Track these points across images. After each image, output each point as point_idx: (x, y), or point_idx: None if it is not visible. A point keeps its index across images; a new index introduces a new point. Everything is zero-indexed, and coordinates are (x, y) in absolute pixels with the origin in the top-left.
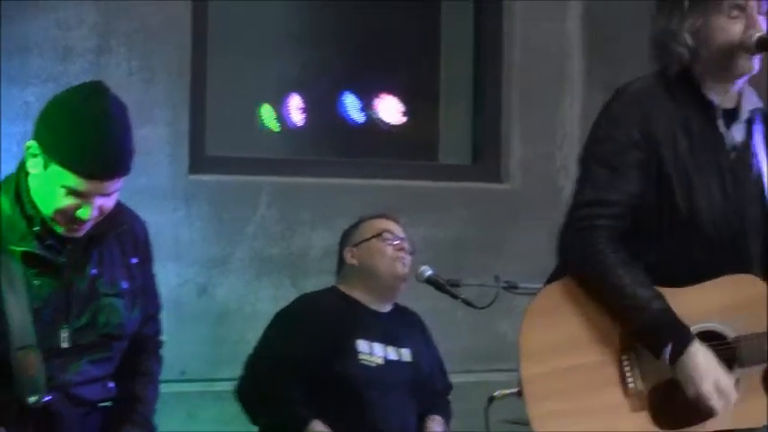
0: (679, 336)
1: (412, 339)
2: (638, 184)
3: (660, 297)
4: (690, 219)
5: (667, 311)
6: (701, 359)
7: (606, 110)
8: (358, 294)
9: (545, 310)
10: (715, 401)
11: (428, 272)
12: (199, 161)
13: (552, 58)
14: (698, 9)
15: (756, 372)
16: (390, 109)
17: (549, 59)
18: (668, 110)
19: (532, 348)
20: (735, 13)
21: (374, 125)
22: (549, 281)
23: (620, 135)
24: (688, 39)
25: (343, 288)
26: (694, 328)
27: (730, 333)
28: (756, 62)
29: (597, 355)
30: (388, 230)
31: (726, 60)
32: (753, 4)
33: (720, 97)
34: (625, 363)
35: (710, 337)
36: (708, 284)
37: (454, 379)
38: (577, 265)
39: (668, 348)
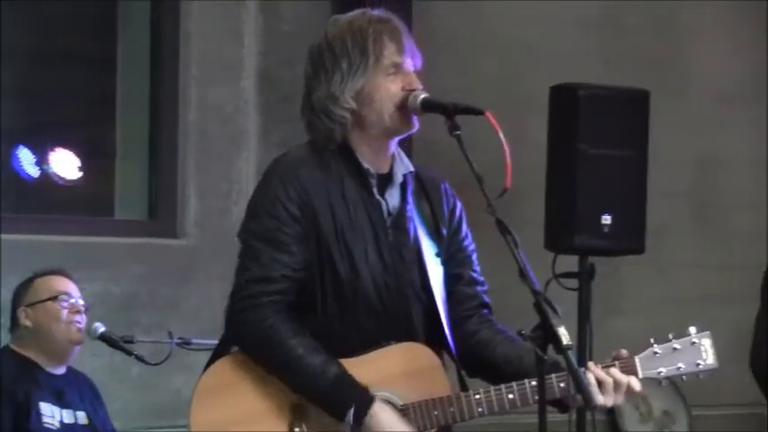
0: (359, 398)
1: (86, 401)
2: (301, 256)
3: (335, 362)
4: (352, 288)
5: (344, 375)
6: (385, 417)
7: (263, 184)
8: (33, 355)
9: (214, 387)
10: None
11: (101, 328)
12: None
13: (228, 117)
14: (359, 70)
15: None
16: (66, 164)
17: (224, 118)
18: (324, 179)
19: (205, 425)
20: (392, 70)
21: (49, 180)
22: (214, 357)
23: (279, 210)
24: (351, 101)
25: (17, 348)
26: None
27: (398, 401)
28: (417, 122)
29: (269, 428)
30: (64, 292)
31: (388, 120)
32: (408, 62)
33: (375, 163)
34: None
35: None
36: (374, 354)
37: None
38: (249, 343)
39: (351, 412)
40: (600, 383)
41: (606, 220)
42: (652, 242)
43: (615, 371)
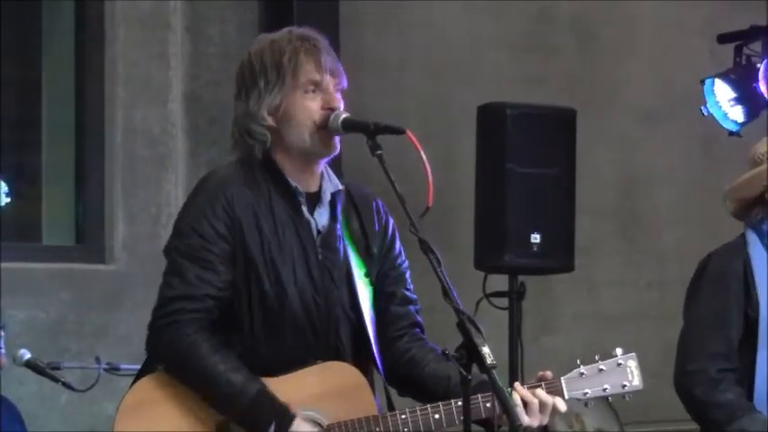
0: (280, 413)
1: (6, 428)
2: (227, 276)
3: (255, 379)
4: (279, 306)
5: (264, 392)
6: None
7: (190, 202)
8: None
9: (138, 404)
10: None
11: (27, 355)
12: None
13: (155, 140)
14: (275, 88)
15: None
16: None
17: (152, 141)
18: (252, 198)
19: None
20: (310, 88)
21: None
22: (140, 374)
23: (206, 228)
24: (268, 119)
25: None
26: None
27: (324, 420)
28: (338, 142)
29: None
30: None
31: (308, 139)
32: (328, 80)
33: (303, 182)
34: None
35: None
36: (301, 372)
37: None
38: (170, 359)
39: (272, 427)
40: (525, 404)
41: (535, 238)
42: (582, 260)
43: (541, 392)
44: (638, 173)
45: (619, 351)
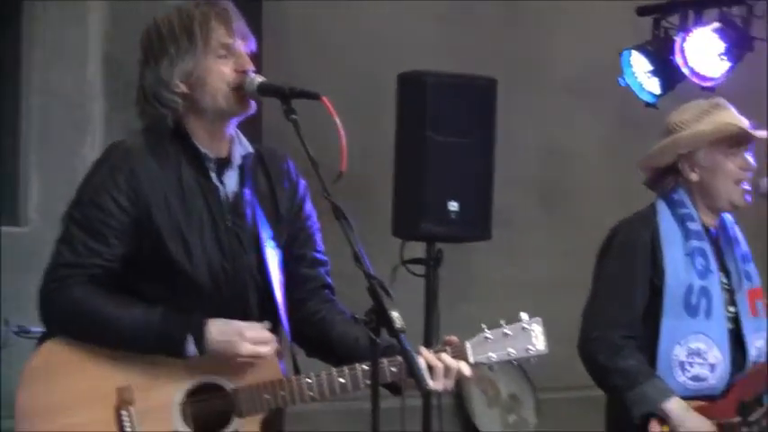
0: (191, 325)
1: None
2: (118, 249)
3: (154, 306)
4: (188, 275)
5: (168, 313)
6: (219, 329)
7: (93, 171)
8: None
9: (43, 369)
10: (258, 350)
11: None
12: None
13: (73, 102)
14: (186, 53)
15: (255, 421)
16: None
17: (69, 103)
18: (160, 168)
19: (31, 409)
20: (222, 52)
21: None
22: (45, 337)
23: (105, 200)
24: (181, 86)
25: None
26: (195, 381)
27: (229, 384)
28: (254, 104)
29: (97, 412)
30: None
31: (223, 102)
32: (239, 43)
33: (212, 147)
34: (124, 418)
35: (210, 389)
36: None
37: None
38: (64, 320)
39: (191, 342)
40: (431, 368)
41: (453, 207)
42: (503, 229)
43: (446, 356)
44: (561, 144)
45: (524, 316)
